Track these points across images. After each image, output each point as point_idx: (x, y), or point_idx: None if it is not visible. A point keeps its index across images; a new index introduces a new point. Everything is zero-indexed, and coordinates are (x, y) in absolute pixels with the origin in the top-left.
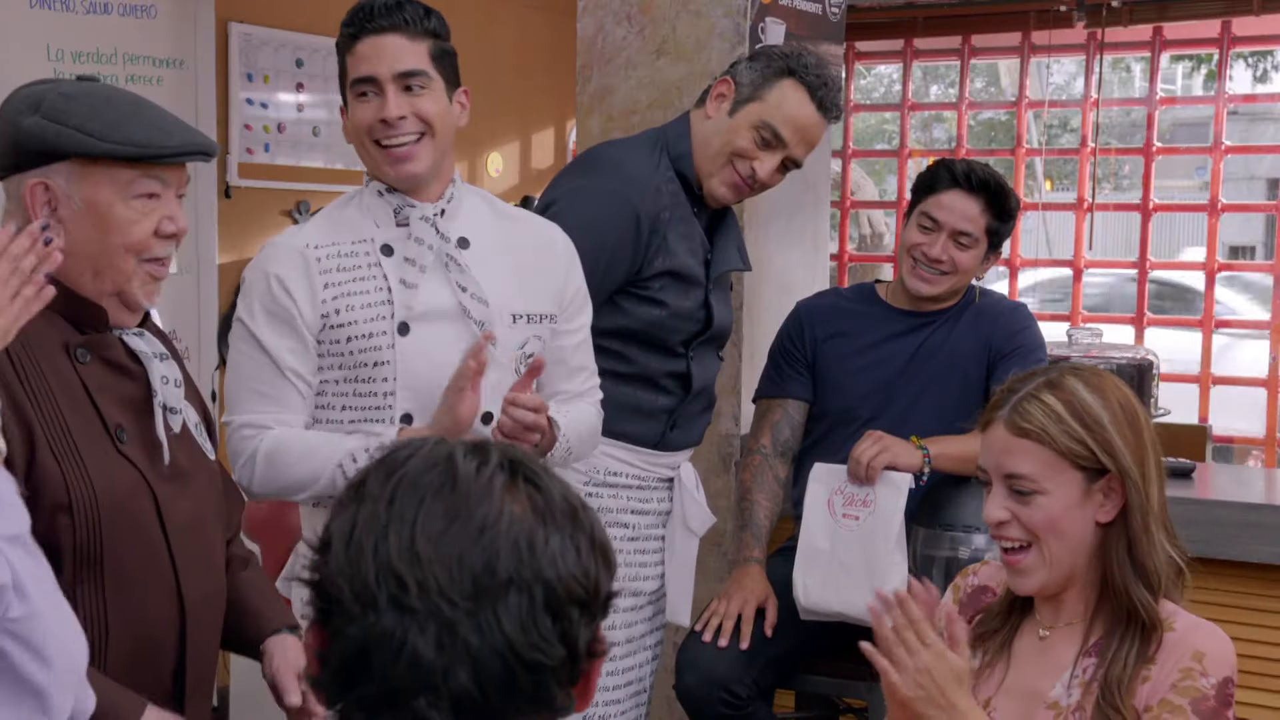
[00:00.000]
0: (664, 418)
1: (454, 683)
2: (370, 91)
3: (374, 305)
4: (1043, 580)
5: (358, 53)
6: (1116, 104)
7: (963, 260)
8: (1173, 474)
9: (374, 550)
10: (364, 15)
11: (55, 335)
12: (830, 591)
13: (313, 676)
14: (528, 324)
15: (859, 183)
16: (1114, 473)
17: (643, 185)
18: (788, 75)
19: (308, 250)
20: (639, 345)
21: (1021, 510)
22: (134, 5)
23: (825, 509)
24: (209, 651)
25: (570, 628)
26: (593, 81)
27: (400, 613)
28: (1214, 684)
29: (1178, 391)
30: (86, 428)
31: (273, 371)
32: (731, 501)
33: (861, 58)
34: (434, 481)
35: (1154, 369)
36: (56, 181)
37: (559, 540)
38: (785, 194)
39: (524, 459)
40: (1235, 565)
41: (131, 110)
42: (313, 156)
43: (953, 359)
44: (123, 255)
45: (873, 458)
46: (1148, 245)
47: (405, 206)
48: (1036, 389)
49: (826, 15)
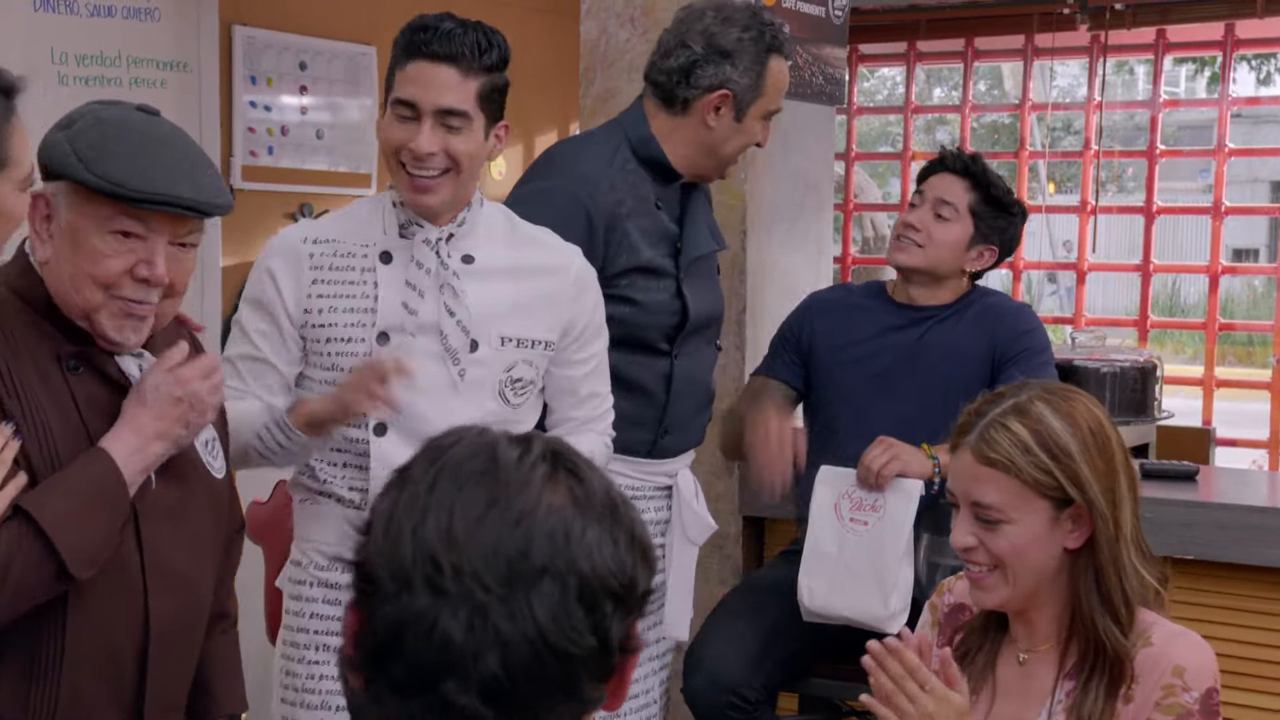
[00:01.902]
0: (653, 425)
1: (483, 667)
2: (411, 117)
3: (357, 311)
4: (1004, 598)
5: (407, 72)
6: (1120, 107)
7: (938, 232)
8: (1176, 477)
9: (412, 532)
10: (423, 36)
11: (48, 345)
12: (836, 595)
13: (348, 658)
14: (517, 348)
15: (862, 185)
16: (1081, 503)
17: (595, 182)
18: (772, 54)
19: (304, 245)
20: (619, 348)
21: (987, 537)
22: (137, 8)
23: (832, 513)
24: (177, 672)
25: (603, 620)
26: (596, 84)
27: (434, 594)
28: (1197, 697)
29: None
30: (72, 441)
31: (248, 353)
32: (732, 499)
33: (865, 60)
34: (475, 468)
35: (1157, 372)
36: (56, 198)
37: (596, 533)
38: (788, 197)
39: (567, 451)
40: (1238, 568)
41: (138, 147)
42: (316, 159)
43: (953, 357)
44: (89, 284)
45: (883, 465)
46: (1151, 248)
47: (413, 224)
48: (1004, 415)
49: (830, 18)
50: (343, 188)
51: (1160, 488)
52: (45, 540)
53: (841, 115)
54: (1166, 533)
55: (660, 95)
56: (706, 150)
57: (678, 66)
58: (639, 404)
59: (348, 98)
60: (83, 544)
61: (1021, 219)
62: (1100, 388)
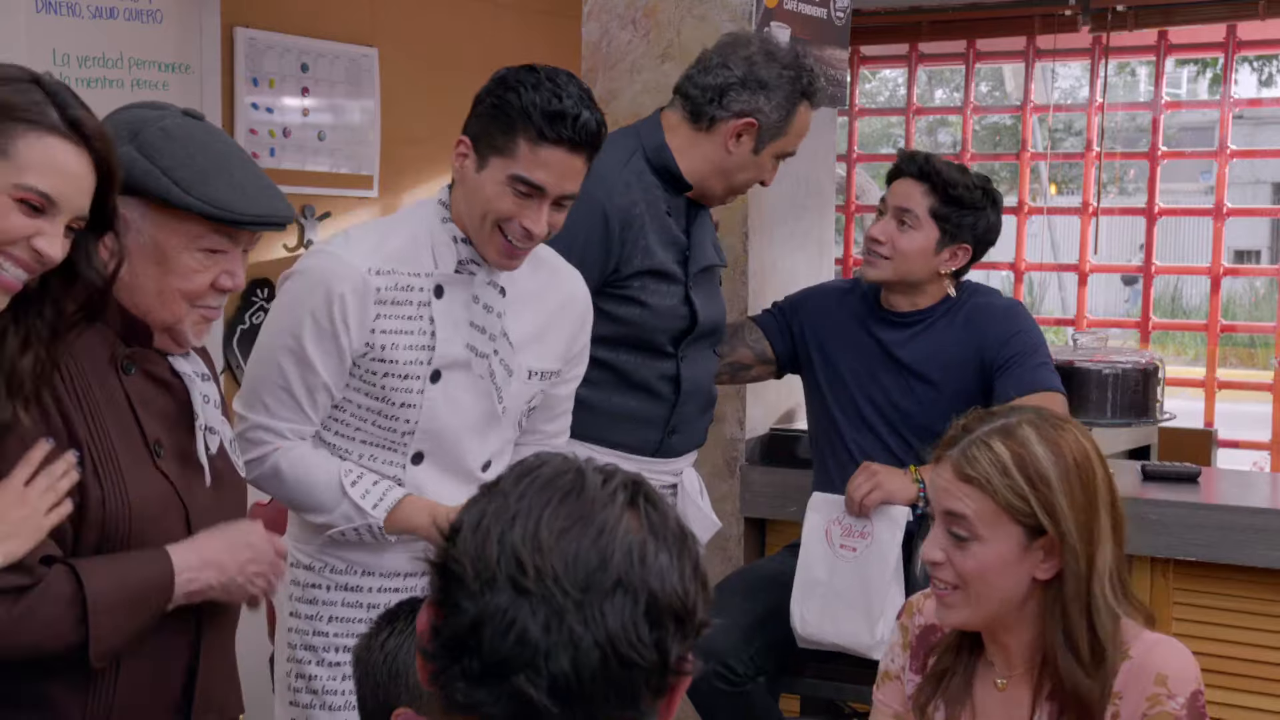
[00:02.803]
0: (661, 424)
1: (554, 665)
2: (529, 194)
3: (415, 349)
4: (965, 618)
5: (542, 157)
6: (1121, 108)
7: (902, 242)
8: (1178, 479)
9: (500, 535)
10: (568, 126)
11: (104, 347)
12: (828, 622)
13: (424, 648)
14: (540, 380)
15: (863, 187)
16: (1054, 535)
17: (610, 181)
18: (803, 100)
19: (369, 277)
20: (628, 349)
21: (955, 554)
22: (139, 10)
23: (823, 539)
24: (221, 667)
25: (665, 637)
26: (597, 86)
27: (516, 593)
28: (1183, 703)
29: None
30: (127, 442)
31: (305, 384)
32: (734, 500)
33: (866, 62)
34: (563, 486)
35: (1158, 373)
36: (131, 214)
37: (667, 558)
38: (790, 198)
39: (644, 483)
40: (1240, 570)
41: (221, 163)
42: (318, 161)
43: (940, 362)
44: (177, 299)
45: (865, 495)
46: (1153, 249)
47: (473, 263)
48: (989, 434)
49: (831, 19)
50: (345, 189)
51: (1162, 489)
52: (82, 611)
53: (843, 117)
54: (1169, 535)
55: (689, 108)
56: (719, 172)
57: (714, 85)
58: (646, 404)
59: (349, 99)
60: (112, 635)
61: (993, 208)
62: (1102, 389)
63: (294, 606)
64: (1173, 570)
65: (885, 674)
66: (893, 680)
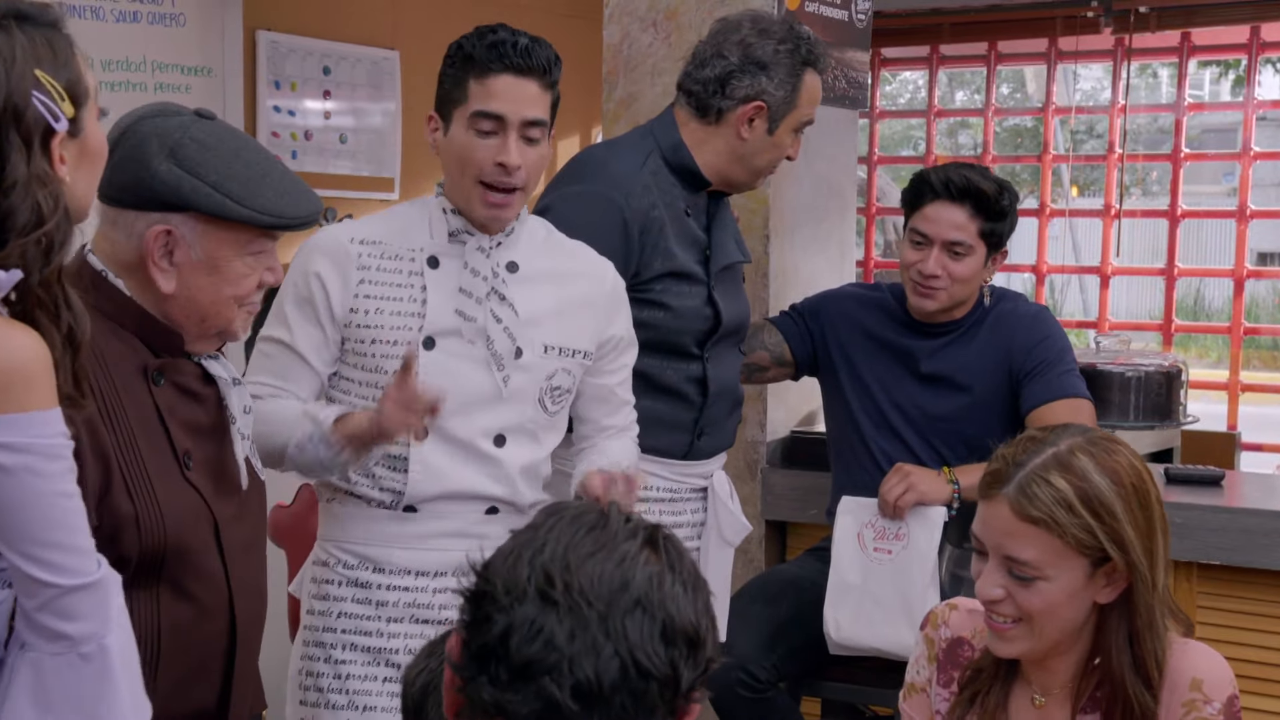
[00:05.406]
0: (690, 427)
1: (579, 670)
2: (492, 130)
3: (404, 315)
4: (1025, 649)
5: (490, 87)
6: (1144, 110)
7: (959, 270)
8: (1201, 482)
9: (530, 558)
10: (504, 50)
11: (133, 357)
12: (863, 626)
13: (454, 662)
14: (559, 356)
15: (884, 189)
16: (1120, 563)
17: (628, 184)
18: (806, 68)
19: (352, 245)
20: (653, 353)
21: (1019, 592)
22: (163, 14)
23: (855, 542)
24: (253, 671)
25: (677, 658)
26: (618, 88)
27: (544, 603)
28: (1220, 707)
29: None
30: (157, 454)
31: (288, 354)
32: (755, 503)
33: (887, 64)
34: (589, 521)
35: (1181, 376)
36: (181, 231)
37: (682, 590)
38: (810, 201)
39: (663, 529)
40: (1265, 573)
41: (259, 169)
42: (339, 164)
43: (969, 371)
44: (231, 305)
45: (899, 496)
46: (1175, 252)
47: (464, 233)
48: (1044, 468)
49: (853, 21)
50: (366, 192)
51: (1186, 493)
52: None
53: (864, 119)
54: (1193, 538)
55: (694, 104)
56: (738, 160)
57: (713, 76)
58: (674, 407)
59: (371, 102)
60: None
61: (1013, 202)
62: (1125, 392)
63: (310, 604)
64: (1196, 574)
65: (911, 686)
66: (919, 693)
